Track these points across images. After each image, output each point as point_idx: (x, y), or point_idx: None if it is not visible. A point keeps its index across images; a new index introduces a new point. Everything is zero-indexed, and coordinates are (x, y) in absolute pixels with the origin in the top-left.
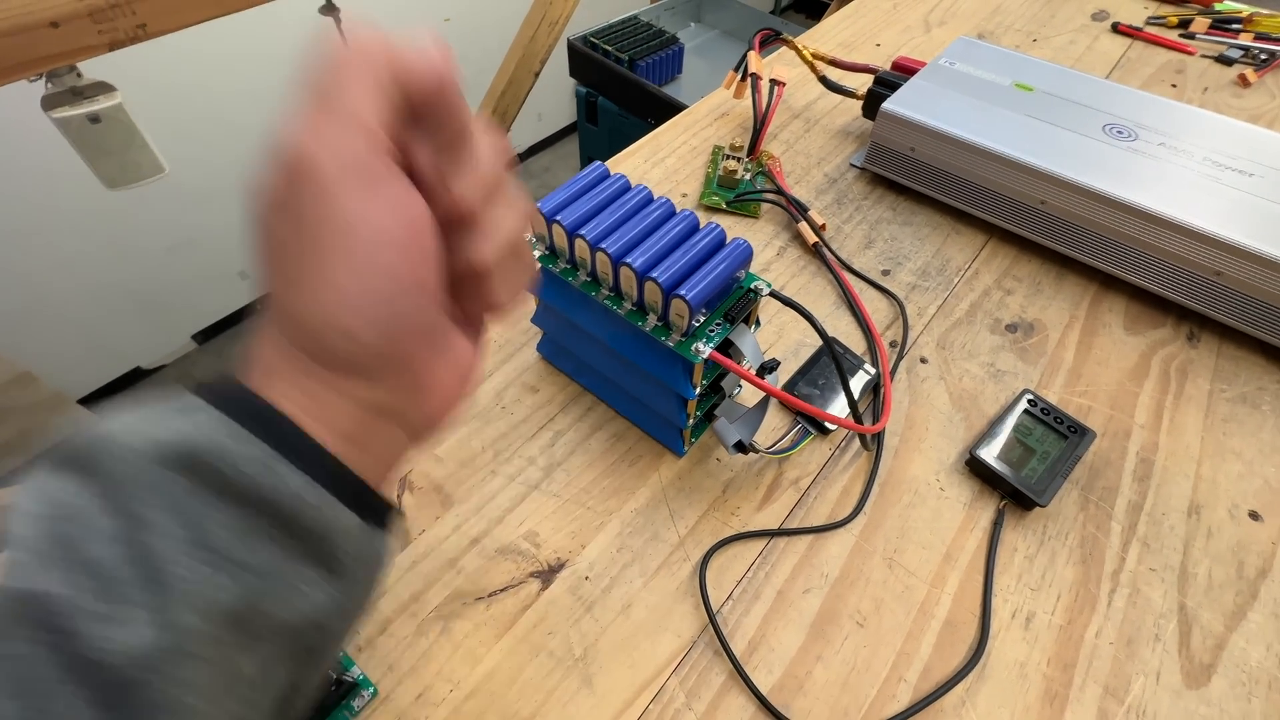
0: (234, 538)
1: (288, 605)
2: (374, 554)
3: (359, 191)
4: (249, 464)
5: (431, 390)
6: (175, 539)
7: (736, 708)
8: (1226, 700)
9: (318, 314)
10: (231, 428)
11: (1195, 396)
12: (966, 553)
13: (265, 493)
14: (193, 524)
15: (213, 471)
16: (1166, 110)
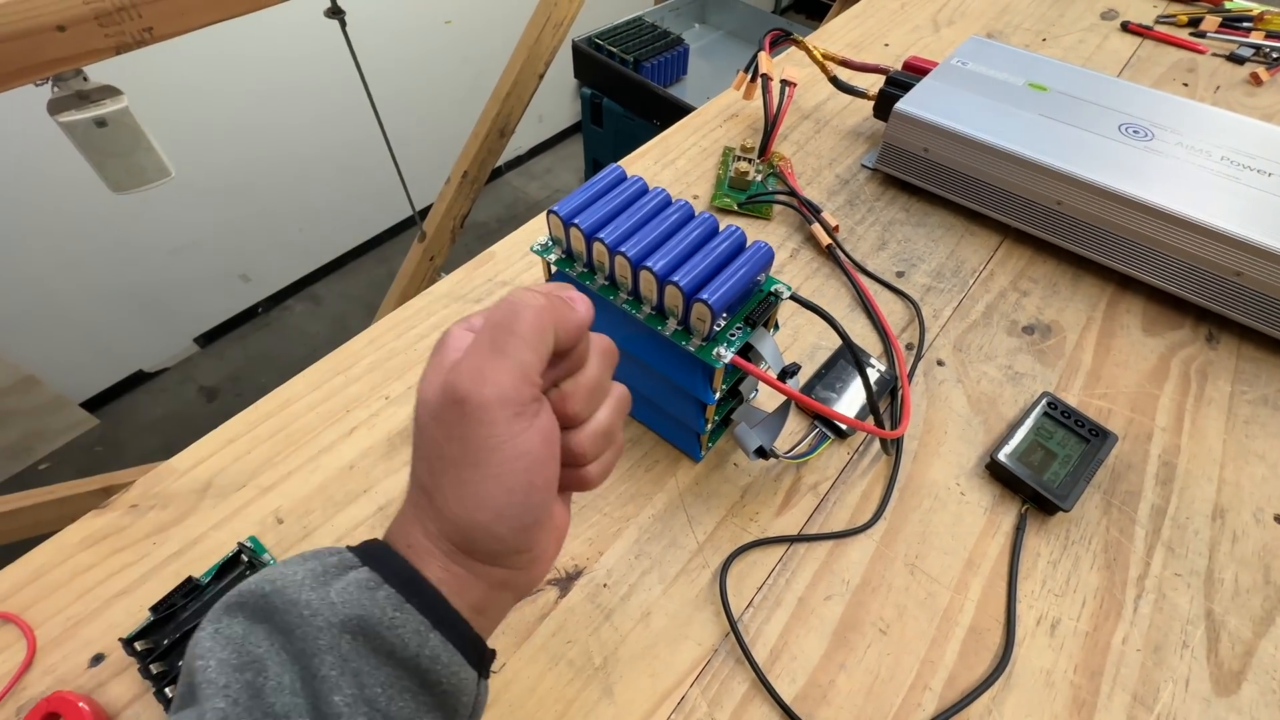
0: (387, 693)
1: None
2: (481, 701)
3: (514, 424)
4: (410, 634)
5: (542, 561)
6: (344, 694)
7: (760, 717)
8: (1258, 708)
9: (473, 518)
10: (395, 600)
11: (1216, 399)
12: (989, 558)
13: (419, 659)
14: (358, 681)
15: (378, 638)
16: (1182, 109)
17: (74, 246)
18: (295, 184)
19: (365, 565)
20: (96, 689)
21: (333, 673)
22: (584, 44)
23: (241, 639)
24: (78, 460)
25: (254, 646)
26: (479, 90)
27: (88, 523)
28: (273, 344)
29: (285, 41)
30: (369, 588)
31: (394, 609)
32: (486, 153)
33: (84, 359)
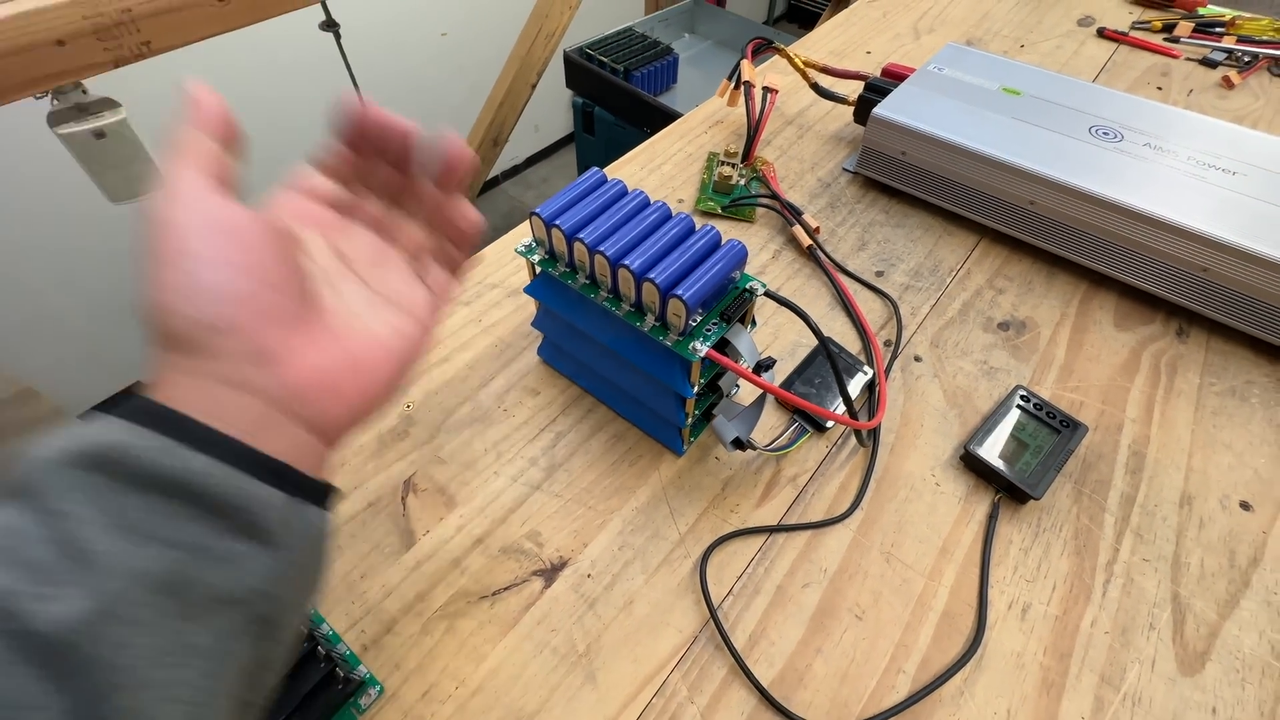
0: (155, 519)
1: (226, 576)
2: (307, 526)
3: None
4: (152, 453)
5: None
6: (95, 524)
7: (738, 701)
8: (1221, 687)
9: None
10: (132, 428)
11: (1185, 390)
12: (962, 546)
13: (174, 475)
14: (110, 510)
15: (120, 465)
16: (1151, 112)
17: (73, 258)
18: None
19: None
20: None
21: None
22: (575, 54)
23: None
24: None
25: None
26: (474, 100)
27: None
28: None
29: (280, 53)
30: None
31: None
32: (480, 162)
33: (83, 371)
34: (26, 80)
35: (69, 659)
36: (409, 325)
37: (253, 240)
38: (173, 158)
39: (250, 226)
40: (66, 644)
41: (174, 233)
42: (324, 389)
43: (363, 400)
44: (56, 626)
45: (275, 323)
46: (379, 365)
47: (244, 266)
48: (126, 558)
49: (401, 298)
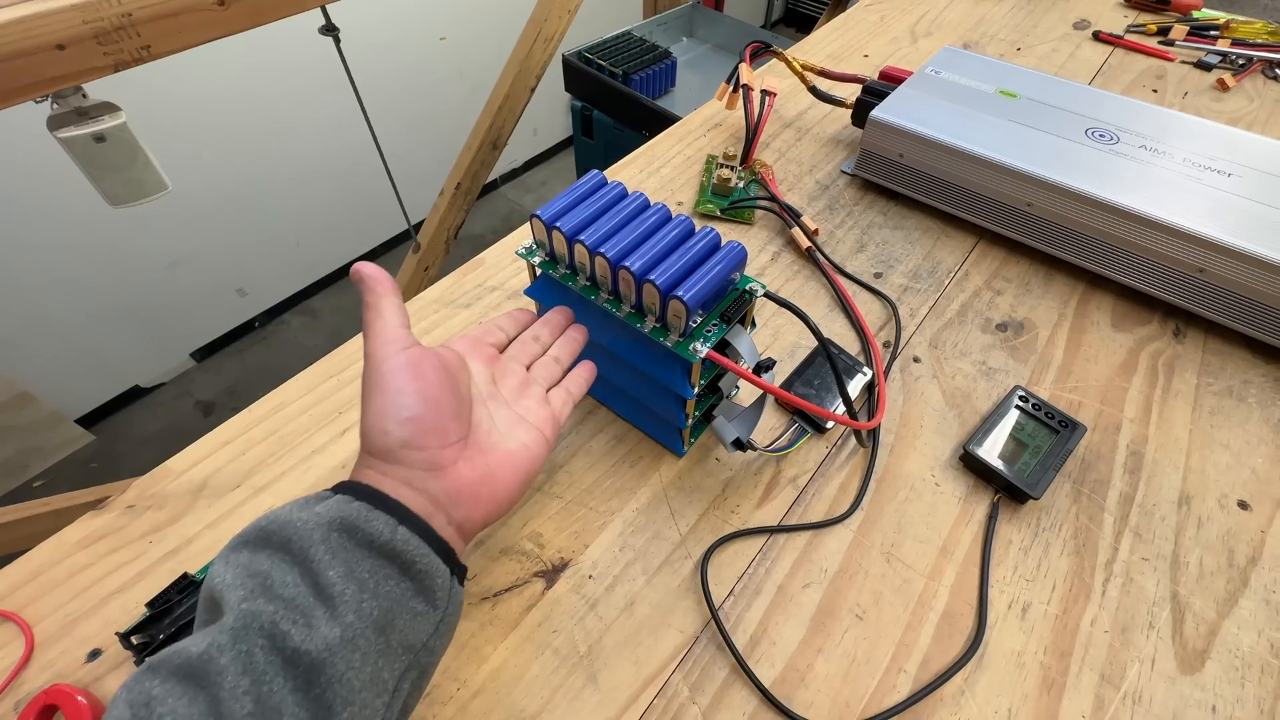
0: (376, 575)
1: (410, 625)
2: (457, 596)
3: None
4: (378, 525)
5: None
6: (337, 573)
7: (740, 701)
8: (1220, 685)
9: (366, 421)
10: (365, 506)
11: (1183, 390)
12: (962, 546)
13: (393, 546)
14: (347, 564)
15: (358, 531)
16: (1146, 114)
17: (70, 262)
18: (291, 198)
19: (338, 494)
20: (94, 683)
21: (326, 557)
22: (574, 58)
23: (248, 563)
24: (73, 476)
25: (258, 565)
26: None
27: (85, 523)
28: (269, 358)
29: (280, 58)
30: (346, 502)
31: (367, 511)
32: (479, 165)
33: (80, 375)
34: (27, 84)
35: (316, 675)
36: (536, 440)
37: (430, 373)
38: (372, 314)
39: (429, 362)
40: (318, 663)
41: (378, 368)
42: (469, 495)
43: (493, 505)
44: (314, 647)
45: (444, 443)
46: (507, 477)
47: (424, 394)
48: (360, 601)
49: (534, 417)
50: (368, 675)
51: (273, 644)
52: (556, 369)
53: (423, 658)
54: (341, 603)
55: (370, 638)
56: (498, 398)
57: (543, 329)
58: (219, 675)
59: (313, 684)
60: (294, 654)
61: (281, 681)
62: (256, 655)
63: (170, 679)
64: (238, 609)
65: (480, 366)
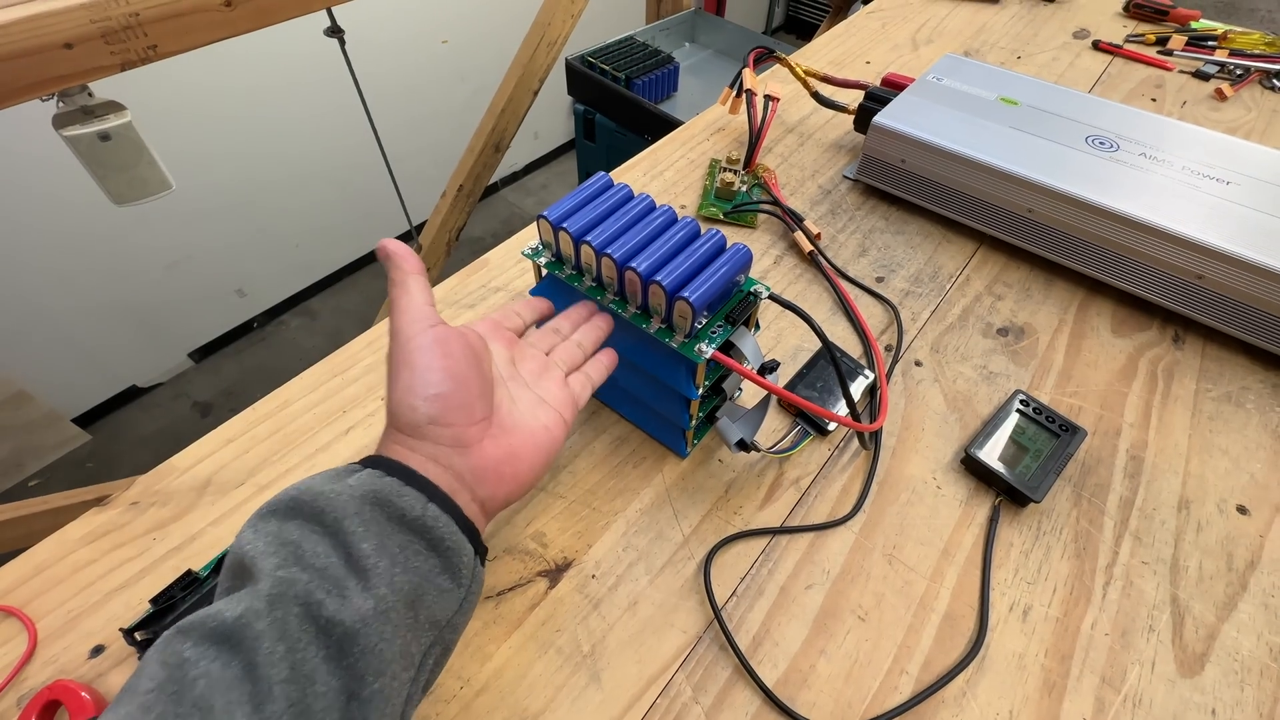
0: (407, 550)
1: (436, 601)
2: (479, 575)
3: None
4: (409, 500)
5: (474, 449)
6: (370, 545)
7: (743, 701)
8: (1220, 688)
9: (394, 397)
10: (395, 481)
11: (1182, 396)
12: (964, 548)
13: (421, 520)
14: (379, 537)
15: (390, 506)
16: (1146, 122)
17: (68, 261)
18: (291, 199)
19: (368, 468)
20: (97, 679)
21: (359, 529)
22: (577, 62)
23: (277, 531)
24: (69, 476)
25: (289, 534)
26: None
27: (89, 519)
28: (267, 359)
29: (283, 58)
30: (377, 477)
31: (399, 487)
32: (481, 167)
33: (77, 374)
34: (34, 82)
35: (350, 645)
36: (556, 422)
37: (457, 351)
38: (399, 290)
39: (455, 341)
40: (352, 633)
41: (406, 344)
42: (493, 474)
43: (515, 485)
44: (348, 617)
45: (470, 420)
46: (529, 457)
47: (451, 372)
48: (392, 575)
49: (553, 399)
50: (398, 648)
51: (307, 612)
52: (578, 354)
53: (447, 634)
54: (375, 575)
55: (401, 611)
56: (518, 379)
57: (563, 322)
58: (255, 640)
59: (346, 653)
60: (328, 623)
61: (315, 649)
62: (291, 622)
63: (204, 642)
64: (273, 575)
65: (500, 349)
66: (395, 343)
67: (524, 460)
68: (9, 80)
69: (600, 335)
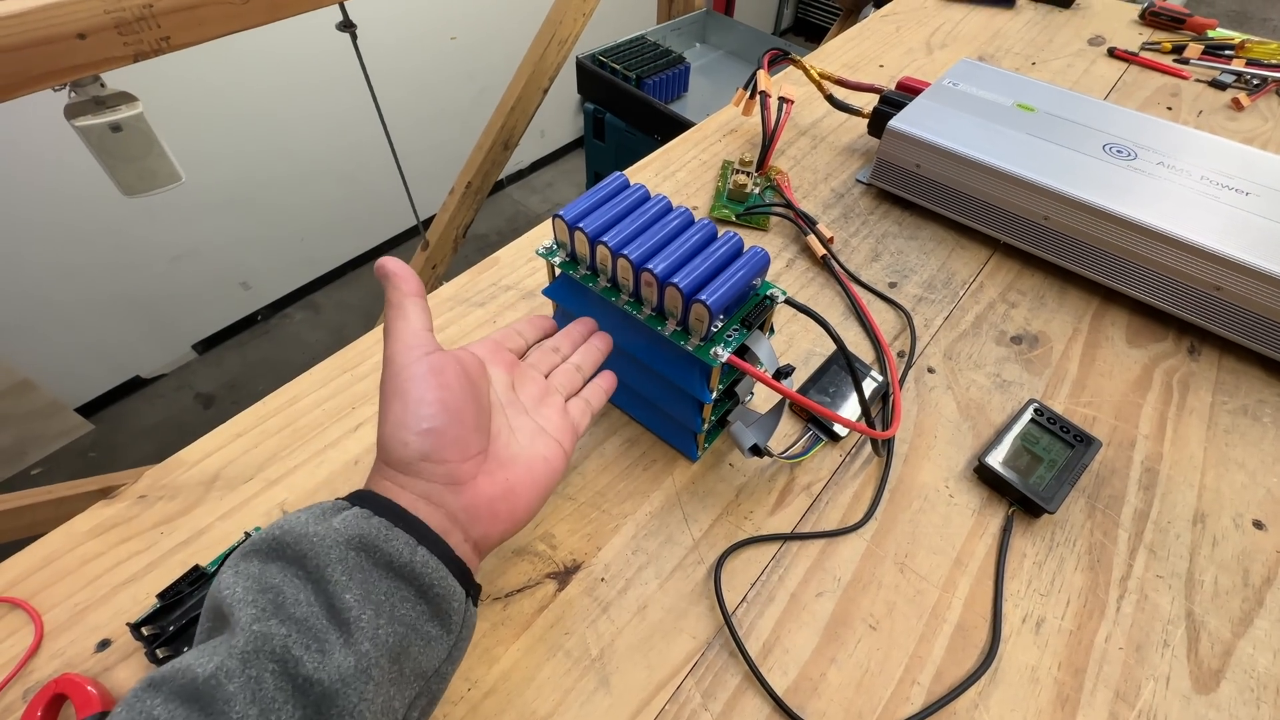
0: (393, 598)
1: (423, 652)
2: (471, 619)
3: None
4: (397, 545)
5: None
6: (354, 595)
7: (752, 709)
8: (1236, 706)
9: (385, 431)
10: (384, 523)
11: (1197, 408)
12: (976, 558)
13: (412, 568)
14: (364, 585)
15: (376, 551)
16: (1164, 131)
17: (74, 252)
18: (297, 194)
19: (355, 506)
20: (103, 673)
21: (342, 578)
22: (588, 61)
23: (258, 575)
24: (71, 465)
25: (270, 578)
26: (481, 105)
27: (96, 512)
28: (271, 352)
29: (290, 52)
30: (364, 517)
31: (386, 529)
32: (490, 164)
33: (81, 364)
34: (47, 71)
35: (328, 706)
36: (555, 453)
37: (452, 381)
38: (395, 314)
39: (451, 369)
40: (331, 693)
41: (399, 373)
42: (487, 512)
43: (511, 522)
44: (327, 676)
45: (464, 456)
46: (526, 493)
47: (445, 404)
48: (376, 627)
49: (553, 428)
50: (379, 706)
51: (284, 670)
52: (577, 378)
53: (434, 684)
54: (357, 629)
55: (384, 666)
56: (517, 405)
57: (563, 341)
58: (226, 702)
59: (323, 714)
60: (305, 682)
61: (290, 711)
62: (266, 682)
63: (173, 699)
64: (249, 630)
65: (500, 373)
66: (388, 370)
67: (521, 497)
68: (22, 69)
69: (599, 357)
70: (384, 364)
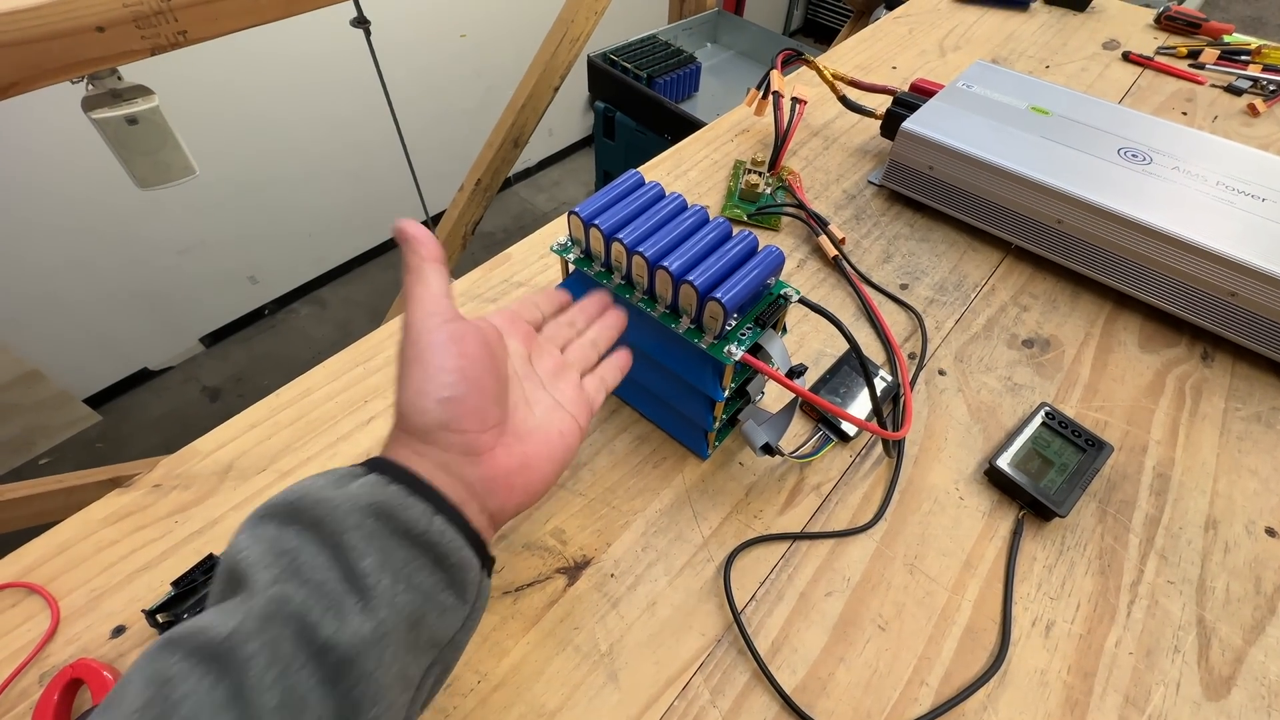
0: (410, 565)
1: (439, 621)
2: (485, 589)
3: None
4: (415, 513)
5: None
6: (372, 561)
7: (760, 706)
8: (1246, 713)
9: (405, 398)
10: (401, 490)
11: (1210, 414)
12: (986, 561)
13: (427, 534)
14: (382, 552)
15: (394, 518)
16: (1179, 135)
17: (83, 244)
18: (306, 188)
19: (372, 472)
20: (118, 659)
21: (360, 544)
22: (599, 59)
23: (275, 538)
24: (78, 456)
25: (287, 542)
26: (490, 102)
27: (111, 500)
28: (277, 346)
29: (301, 49)
30: (381, 484)
31: (404, 497)
32: (500, 162)
33: (89, 355)
34: (67, 64)
35: (346, 670)
36: (571, 428)
37: (472, 350)
38: (415, 279)
39: (472, 337)
40: (349, 658)
41: (419, 340)
42: (504, 484)
43: (526, 495)
44: (345, 640)
45: (483, 426)
46: (542, 466)
47: (465, 373)
48: (394, 594)
49: (569, 403)
50: (396, 672)
51: (302, 633)
52: (593, 354)
53: (448, 653)
54: (375, 595)
55: (401, 633)
56: (534, 378)
57: (579, 315)
58: (245, 662)
59: (341, 678)
60: (324, 646)
61: (309, 673)
62: (284, 643)
63: (191, 658)
64: (266, 591)
65: (517, 345)
66: (408, 336)
67: (537, 470)
68: (42, 62)
69: (614, 334)
70: (404, 329)
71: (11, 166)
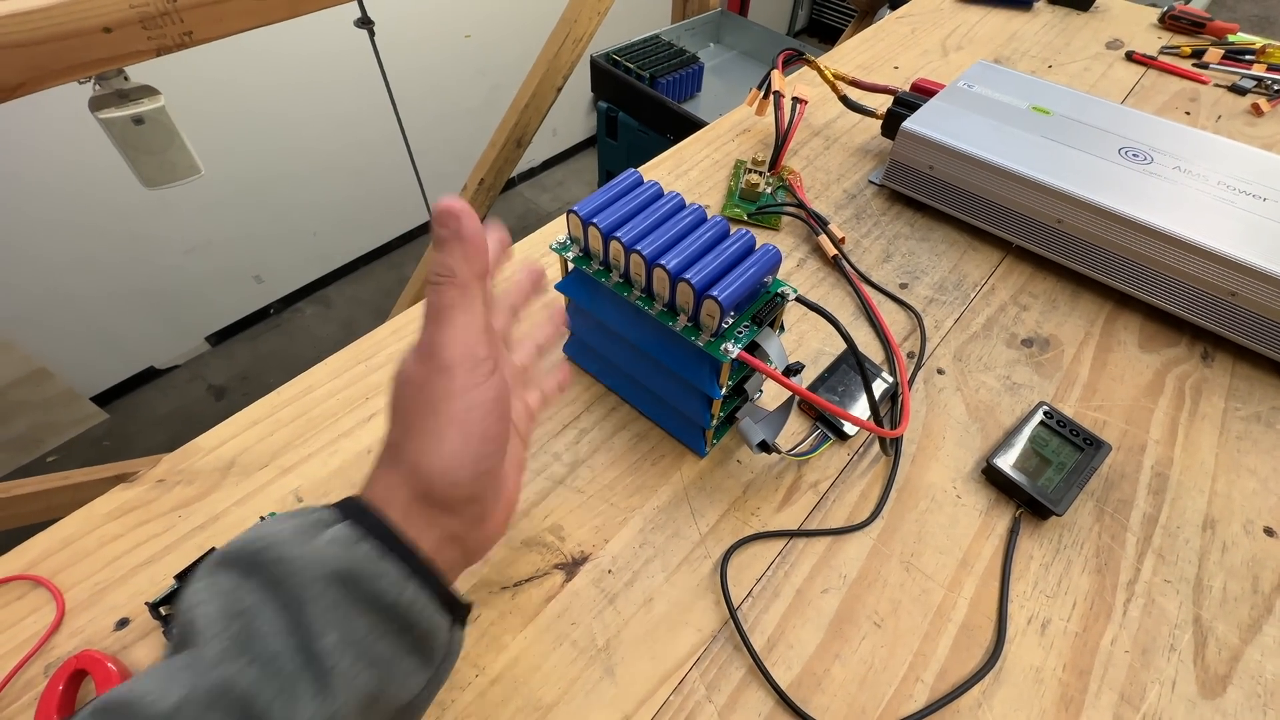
0: (372, 636)
1: (399, 689)
2: (455, 647)
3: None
4: (388, 585)
5: (489, 521)
6: (332, 640)
7: (756, 702)
8: (1242, 712)
9: (431, 463)
10: (373, 552)
11: (1210, 414)
12: (983, 559)
13: (398, 608)
14: (343, 626)
15: (360, 586)
16: (1181, 135)
17: (90, 243)
18: (310, 188)
19: (345, 520)
20: (121, 651)
21: (320, 617)
22: (602, 59)
23: (232, 591)
24: (85, 453)
25: (245, 596)
26: (493, 102)
27: (116, 495)
28: (282, 345)
29: (305, 49)
30: (351, 542)
31: (374, 563)
32: (503, 162)
33: (96, 354)
34: (74, 65)
35: None
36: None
37: (508, 414)
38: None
39: (507, 395)
40: None
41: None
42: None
43: (498, 533)
44: None
45: (497, 493)
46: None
47: (503, 440)
48: (353, 675)
49: (522, 425)
50: None
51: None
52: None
53: (405, 714)
54: (333, 678)
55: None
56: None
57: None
58: None
59: None
60: None
61: None
62: None
63: None
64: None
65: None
66: (440, 380)
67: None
68: (49, 62)
69: (555, 332)
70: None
71: (20, 166)
